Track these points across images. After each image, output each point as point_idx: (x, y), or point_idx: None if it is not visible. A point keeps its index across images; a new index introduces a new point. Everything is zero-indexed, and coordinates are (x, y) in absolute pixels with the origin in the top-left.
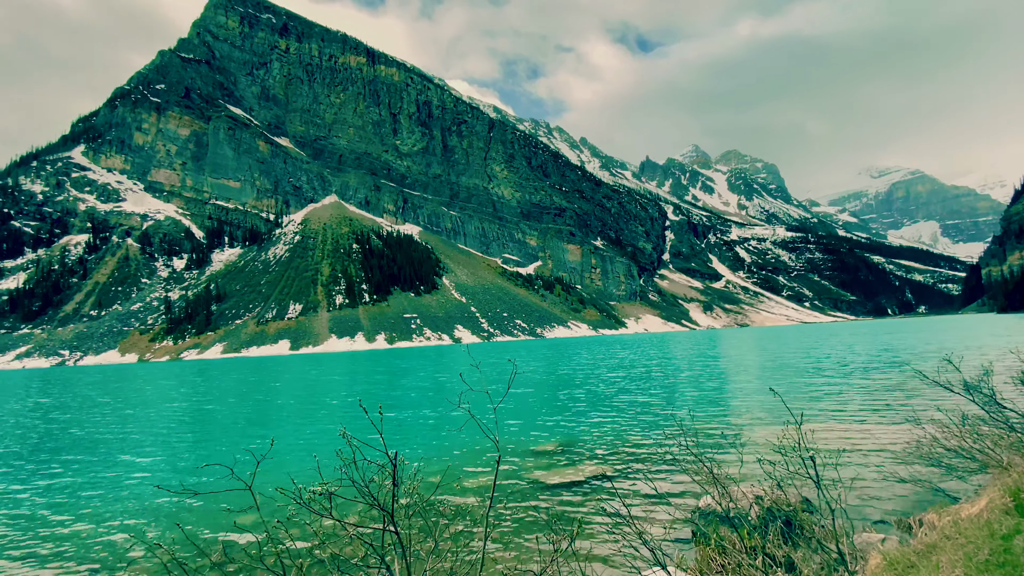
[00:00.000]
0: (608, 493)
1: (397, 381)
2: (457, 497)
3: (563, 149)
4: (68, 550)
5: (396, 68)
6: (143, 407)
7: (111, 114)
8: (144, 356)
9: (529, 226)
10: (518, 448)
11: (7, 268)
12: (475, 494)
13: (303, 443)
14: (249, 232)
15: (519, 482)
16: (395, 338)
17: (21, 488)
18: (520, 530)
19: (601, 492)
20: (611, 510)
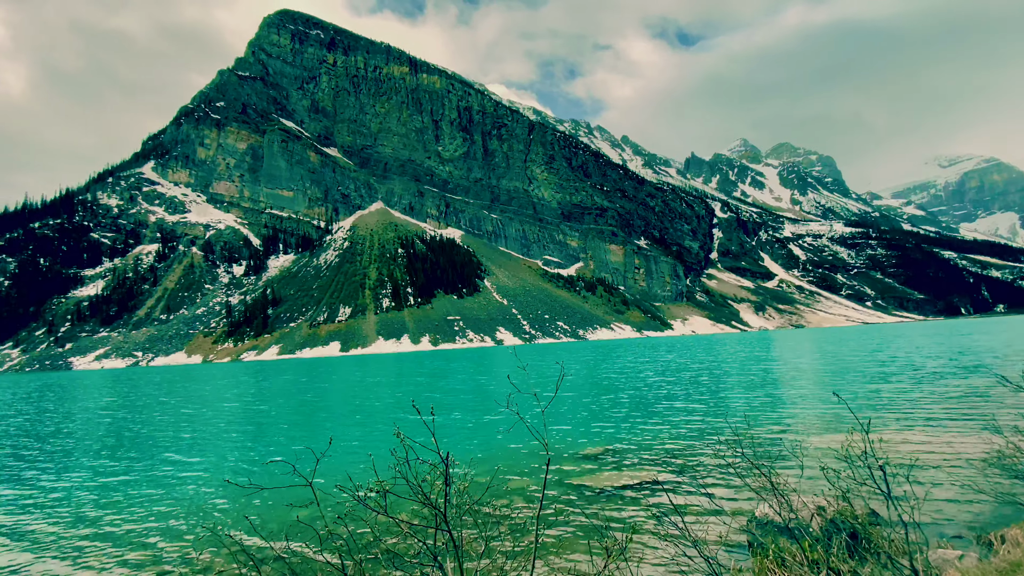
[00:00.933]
0: (658, 499)
1: (440, 383)
2: (505, 499)
3: (604, 148)
4: (146, 535)
5: (438, 76)
6: (210, 406)
7: (177, 131)
8: (207, 357)
9: (570, 227)
10: (564, 451)
11: (87, 276)
12: (522, 496)
13: (356, 442)
14: (302, 239)
15: (566, 486)
16: (439, 340)
17: (106, 478)
18: (569, 534)
19: (651, 498)
20: (663, 517)
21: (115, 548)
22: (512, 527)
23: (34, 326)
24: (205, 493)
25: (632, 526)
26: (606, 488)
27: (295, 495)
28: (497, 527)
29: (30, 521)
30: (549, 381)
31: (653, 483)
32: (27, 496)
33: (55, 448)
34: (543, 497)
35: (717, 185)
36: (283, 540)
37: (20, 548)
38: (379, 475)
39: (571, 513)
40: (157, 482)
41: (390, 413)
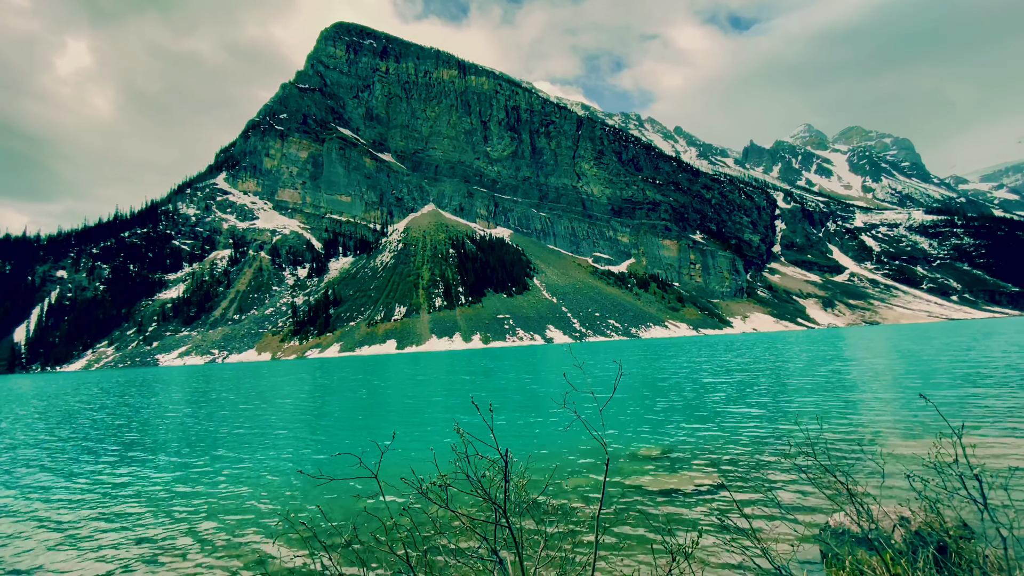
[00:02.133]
0: (722, 504)
1: (490, 381)
2: (563, 497)
3: (656, 140)
4: (222, 521)
5: (486, 77)
6: (280, 401)
7: (245, 143)
8: (276, 355)
9: (620, 223)
10: (619, 452)
11: (170, 280)
12: (579, 495)
13: (413, 437)
14: (359, 242)
15: (622, 487)
16: (489, 338)
17: (187, 466)
18: (629, 534)
19: (713, 502)
20: (727, 522)
21: (198, 529)
22: (571, 525)
23: (125, 326)
24: (278, 481)
25: (700, 530)
26: (664, 490)
27: (361, 486)
28: (556, 524)
29: (123, 503)
30: (602, 380)
31: (714, 486)
32: (120, 481)
33: (145, 437)
34: (603, 497)
35: (779, 174)
36: (350, 529)
37: (114, 529)
38: (440, 469)
39: (630, 514)
40: (234, 469)
41: (442, 410)
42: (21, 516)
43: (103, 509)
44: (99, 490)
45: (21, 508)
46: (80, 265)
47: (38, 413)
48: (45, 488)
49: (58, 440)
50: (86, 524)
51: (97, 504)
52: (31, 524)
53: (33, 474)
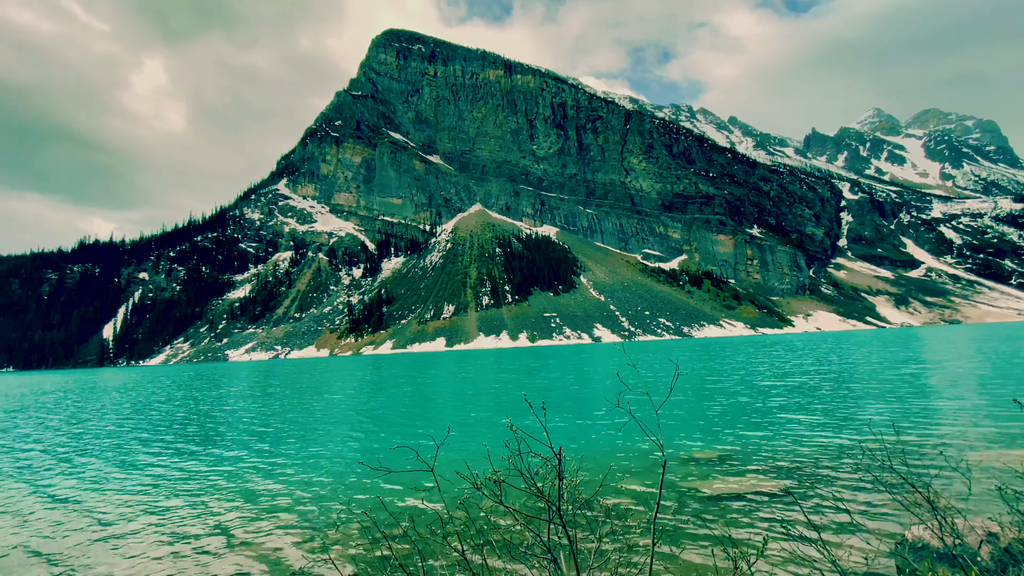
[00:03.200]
0: (785, 511)
1: (538, 379)
2: (616, 498)
3: (709, 132)
4: (287, 508)
5: (531, 75)
6: (339, 394)
7: (303, 150)
8: (333, 351)
9: (671, 218)
10: (673, 454)
11: (238, 281)
12: (633, 497)
13: (467, 433)
14: (410, 242)
15: (677, 490)
16: (536, 336)
17: (256, 455)
18: (686, 539)
19: (775, 509)
20: (792, 531)
21: (265, 514)
22: (625, 527)
23: (199, 324)
24: (339, 471)
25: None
26: (722, 495)
27: (418, 479)
28: (610, 525)
29: (195, 488)
30: (653, 381)
31: (776, 493)
32: (192, 467)
33: (215, 428)
34: (659, 499)
35: (845, 163)
36: (407, 519)
37: (187, 511)
38: (493, 465)
39: (687, 518)
40: (297, 459)
41: (490, 407)
42: (107, 496)
43: (177, 492)
44: (173, 475)
45: (111, 487)
46: (159, 267)
47: (129, 404)
48: (128, 471)
49: (138, 428)
50: (163, 505)
51: (172, 487)
52: (116, 504)
53: (118, 458)
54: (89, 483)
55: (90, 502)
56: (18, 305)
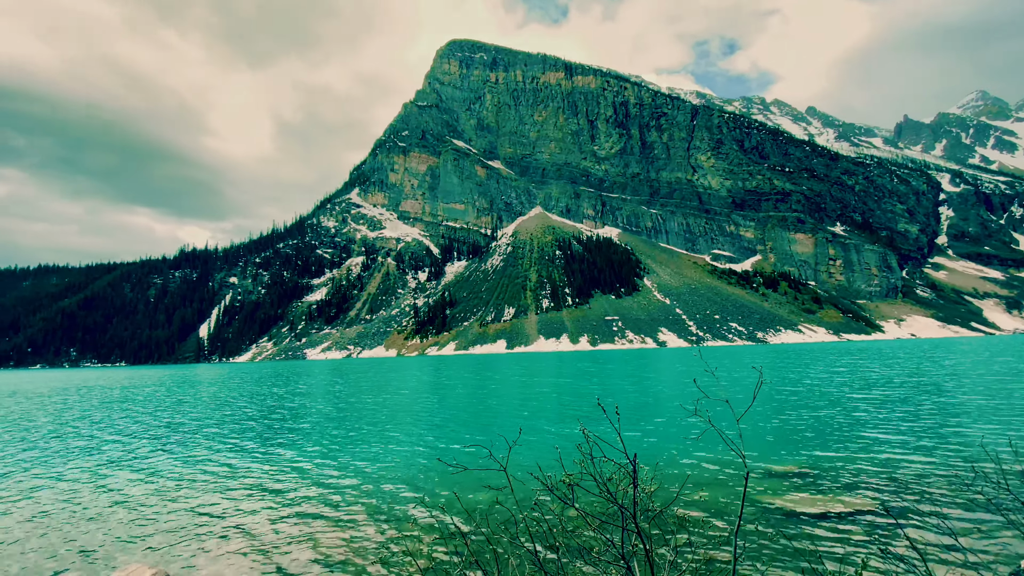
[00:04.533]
0: (880, 532)
1: (603, 383)
2: (692, 509)
3: (785, 124)
4: (360, 502)
5: (592, 75)
6: (407, 392)
7: (373, 161)
8: (400, 351)
9: (743, 217)
10: (750, 467)
11: (315, 285)
12: (710, 508)
13: (534, 435)
14: (472, 246)
15: (756, 505)
16: (597, 340)
17: (331, 450)
18: (767, 558)
19: (867, 530)
20: (891, 553)
21: (342, 506)
22: (702, 539)
23: (281, 324)
24: (413, 467)
25: (861, 560)
26: (806, 512)
27: (491, 478)
28: (685, 536)
29: (278, 480)
30: (730, 387)
31: (867, 512)
32: (273, 459)
33: (296, 422)
34: (741, 513)
35: (944, 152)
36: (480, 516)
37: (270, 501)
38: (565, 469)
39: (768, 535)
40: (373, 453)
41: (555, 409)
42: (194, 482)
43: (261, 482)
44: (255, 465)
45: (197, 475)
46: (247, 272)
47: (220, 398)
48: (216, 461)
49: (228, 420)
50: (246, 494)
51: (254, 477)
52: (202, 491)
53: (207, 447)
54: (175, 469)
55: (175, 487)
56: (129, 307)
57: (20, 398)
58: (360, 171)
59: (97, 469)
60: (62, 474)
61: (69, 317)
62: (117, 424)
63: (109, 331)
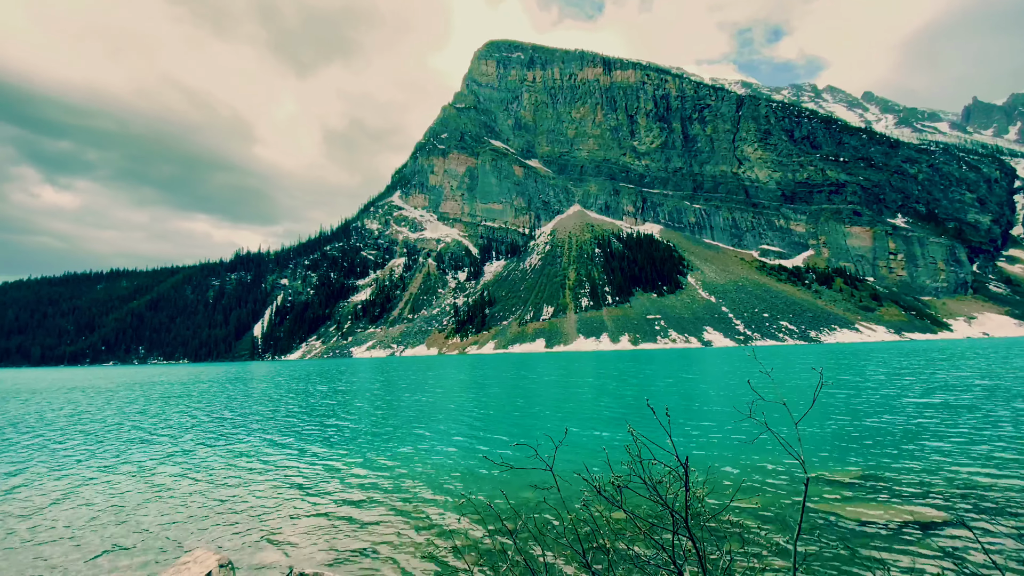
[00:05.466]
0: (951, 544)
1: (646, 383)
2: (745, 517)
3: (839, 111)
4: (405, 497)
5: (632, 69)
6: (449, 390)
7: (414, 164)
8: (441, 350)
9: (794, 210)
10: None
11: (360, 285)
12: (760, 515)
13: (578, 435)
14: (510, 246)
15: (814, 513)
16: (639, 339)
17: (378, 445)
18: (829, 569)
19: (936, 541)
20: (964, 568)
21: (389, 500)
22: (758, 547)
23: (328, 323)
24: (457, 463)
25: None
26: (869, 521)
27: (536, 477)
28: (739, 543)
29: (327, 473)
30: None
31: (937, 524)
32: (321, 454)
33: (342, 418)
34: (801, 521)
35: (1018, 136)
36: (528, 515)
37: (316, 493)
38: (612, 470)
39: (828, 545)
40: (418, 448)
41: (598, 409)
42: (255, 472)
43: (309, 475)
44: (304, 459)
45: (248, 465)
46: (296, 274)
47: (281, 393)
48: (268, 454)
49: (277, 416)
50: (297, 485)
51: (304, 471)
52: (258, 482)
53: (261, 440)
54: (230, 461)
55: (232, 477)
56: (190, 308)
57: (90, 393)
58: (401, 174)
59: (160, 459)
60: (129, 463)
61: (138, 317)
62: (177, 418)
63: (173, 330)
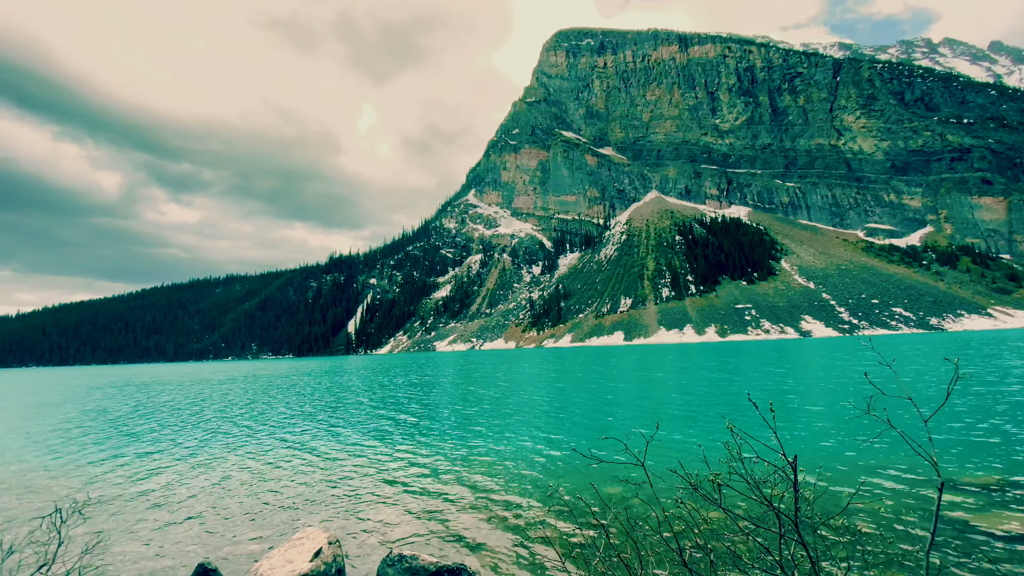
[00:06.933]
0: None
1: (738, 377)
2: (862, 522)
3: (960, 66)
4: (492, 487)
5: (710, 43)
6: (531, 384)
7: (487, 162)
8: (518, 344)
9: (906, 182)
10: (931, 475)
11: (440, 282)
12: (882, 522)
13: (669, 431)
14: (584, 238)
15: (944, 521)
16: (726, 331)
17: (468, 436)
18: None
19: None
20: None
21: (478, 487)
22: (881, 557)
23: (413, 319)
24: (546, 456)
25: None
26: (1012, 534)
27: (623, 471)
28: (859, 551)
29: (422, 460)
30: (906, 382)
31: None
32: (414, 441)
33: (436, 409)
34: (934, 531)
35: None
36: (615, 510)
37: (411, 482)
38: (710, 467)
39: (965, 558)
40: (503, 441)
41: (685, 404)
42: (355, 457)
43: (406, 461)
44: (400, 447)
45: (361, 450)
46: (383, 274)
47: (379, 384)
48: (362, 442)
49: (370, 404)
50: (393, 471)
51: (400, 457)
52: (361, 465)
53: (356, 428)
54: (331, 446)
55: (334, 462)
56: (293, 307)
57: (211, 384)
58: (475, 173)
59: (269, 445)
60: (242, 448)
61: (250, 317)
62: (281, 407)
63: (279, 328)
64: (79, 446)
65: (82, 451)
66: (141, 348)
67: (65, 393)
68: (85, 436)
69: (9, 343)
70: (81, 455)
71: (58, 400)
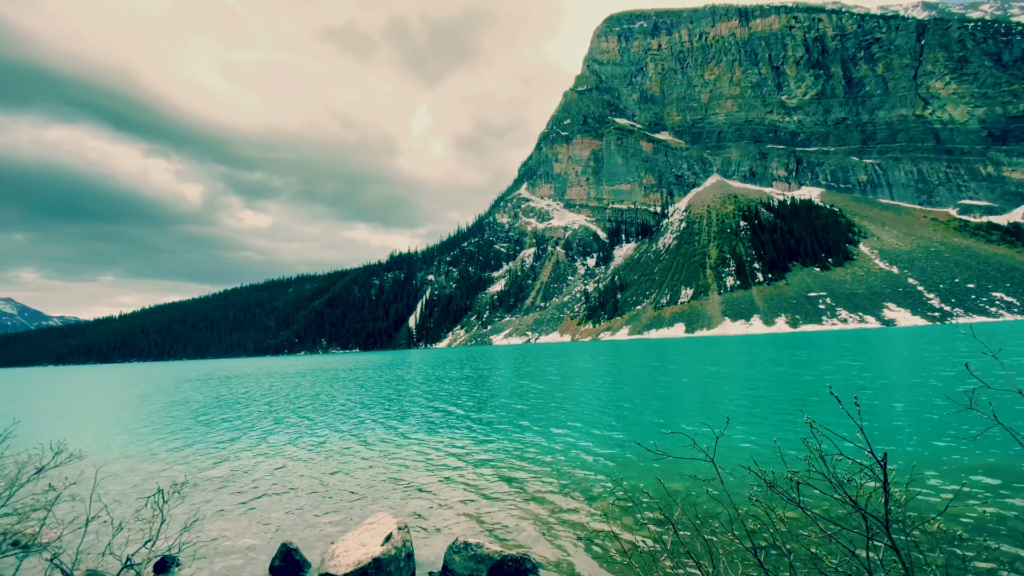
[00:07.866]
0: None
1: (815, 371)
2: (963, 528)
3: None
4: (561, 481)
5: (775, 14)
6: (589, 378)
7: (539, 154)
8: (574, 336)
9: (1007, 152)
10: (1010, 474)
11: (494, 277)
12: (988, 528)
13: (739, 427)
14: (640, 227)
15: None
16: (798, 321)
17: (525, 430)
18: None
19: None
20: None
21: (542, 480)
22: (987, 564)
23: (469, 314)
24: (610, 450)
25: None
26: None
27: (689, 468)
28: (960, 557)
29: (484, 451)
30: (1015, 374)
31: None
32: (477, 433)
33: (498, 403)
34: None
35: None
36: (682, 507)
37: (473, 472)
38: (787, 464)
39: None
40: (567, 433)
41: (758, 398)
42: (415, 447)
43: (467, 453)
44: (460, 439)
45: (423, 440)
46: (440, 270)
47: (438, 377)
48: (422, 434)
49: (430, 398)
50: (454, 462)
51: (460, 449)
52: (425, 455)
53: (418, 419)
54: (395, 436)
55: (399, 451)
56: (358, 304)
57: (283, 377)
58: (527, 166)
59: (340, 433)
60: (314, 436)
61: (319, 314)
62: (348, 398)
63: (346, 324)
64: (170, 433)
65: (173, 437)
66: (225, 344)
67: (159, 386)
68: (174, 424)
69: (114, 341)
70: (173, 442)
71: (152, 391)
